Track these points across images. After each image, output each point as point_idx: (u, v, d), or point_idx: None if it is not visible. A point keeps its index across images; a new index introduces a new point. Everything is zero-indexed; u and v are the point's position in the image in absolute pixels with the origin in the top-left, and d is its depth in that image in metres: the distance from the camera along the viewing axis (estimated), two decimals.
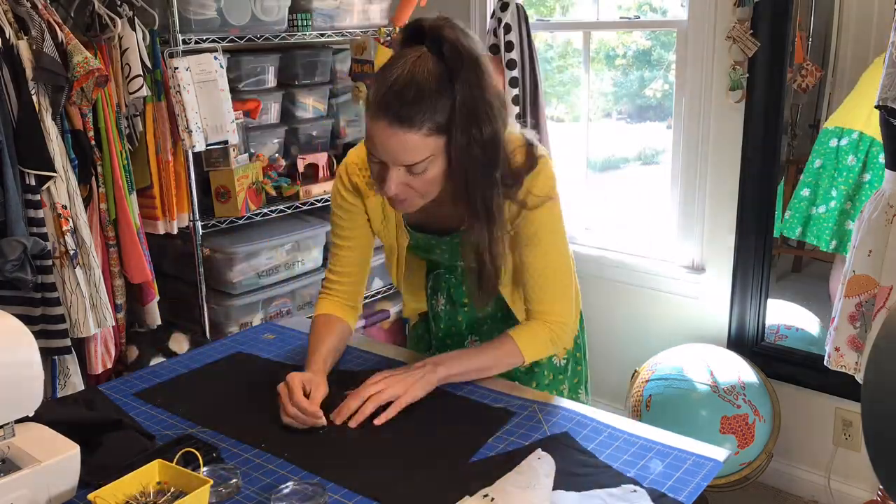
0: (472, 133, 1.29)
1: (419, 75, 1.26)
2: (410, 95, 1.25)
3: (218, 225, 2.66)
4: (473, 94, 1.28)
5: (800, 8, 2.62)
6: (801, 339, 2.76)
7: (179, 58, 2.43)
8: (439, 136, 1.29)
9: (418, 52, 1.28)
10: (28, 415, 1.14)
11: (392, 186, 1.32)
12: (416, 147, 1.28)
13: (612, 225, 3.26)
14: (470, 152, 1.30)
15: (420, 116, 1.26)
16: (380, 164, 1.33)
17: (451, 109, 1.27)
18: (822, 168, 2.62)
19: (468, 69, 1.27)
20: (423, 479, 1.21)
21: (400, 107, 1.25)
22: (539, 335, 1.52)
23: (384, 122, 1.26)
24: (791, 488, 2.75)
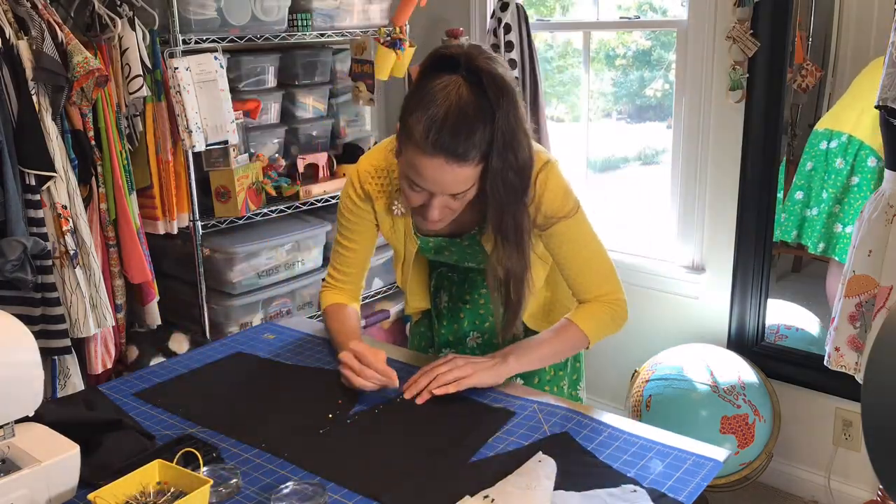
0: (509, 159, 1.31)
1: (466, 109, 1.27)
2: (464, 131, 1.27)
3: (218, 225, 2.66)
4: (511, 123, 1.30)
5: (800, 8, 2.62)
6: (801, 339, 2.76)
7: (179, 58, 2.43)
8: (482, 164, 1.32)
9: (456, 82, 1.29)
10: (28, 415, 1.14)
11: (436, 213, 1.37)
12: (467, 178, 1.32)
13: (612, 225, 3.25)
14: (506, 178, 1.33)
15: (473, 151, 1.28)
16: (424, 193, 1.35)
17: (491, 137, 1.29)
18: (813, 171, 2.63)
19: (508, 99, 1.29)
20: (423, 479, 1.21)
21: (457, 144, 1.27)
22: (599, 315, 1.55)
23: (440, 159, 1.28)
24: (791, 488, 2.76)
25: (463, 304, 1.71)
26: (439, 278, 1.73)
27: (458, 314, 1.72)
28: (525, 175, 1.36)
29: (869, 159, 2.50)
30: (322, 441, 1.32)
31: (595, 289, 1.55)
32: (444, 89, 1.28)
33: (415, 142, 1.30)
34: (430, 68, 1.33)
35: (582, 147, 3.22)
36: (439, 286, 1.74)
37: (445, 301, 1.73)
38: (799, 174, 2.67)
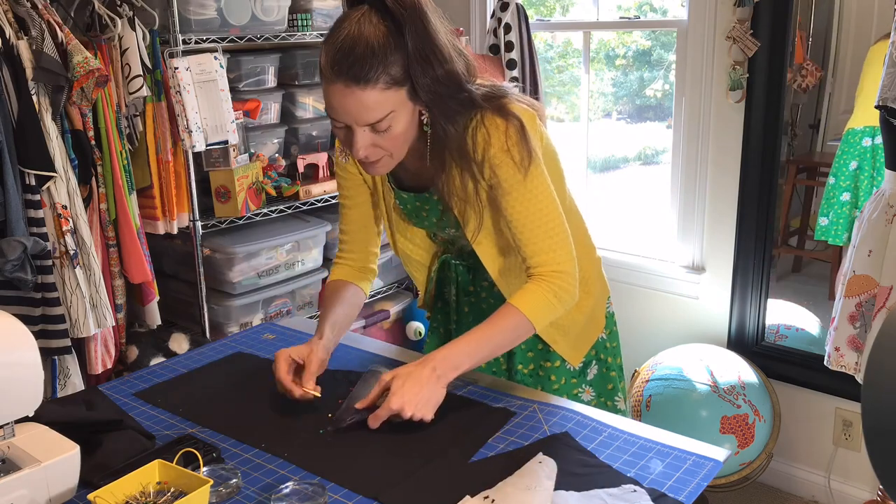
0: (431, 74, 1.30)
1: (366, 32, 1.27)
2: (361, 52, 1.25)
3: (218, 225, 2.66)
4: (424, 40, 1.29)
5: (800, 8, 2.62)
6: (801, 339, 2.76)
7: (179, 58, 2.43)
8: (398, 89, 1.29)
9: (360, 11, 1.29)
10: (28, 415, 1.14)
11: (360, 149, 1.33)
12: (375, 104, 1.28)
13: (612, 225, 3.25)
14: (436, 90, 1.31)
15: (374, 72, 1.26)
16: (345, 129, 1.33)
17: (406, 59, 1.28)
18: (859, 170, 2.58)
19: (412, 18, 1.28)
20: (423, 479, 1.21)
21: (352, 65, 1.25)
22: (539, 295, 1.40)
23: (339, 84, 1.27)
24: (791, 488, 2.76)
25: (467, 295, 1.69)
26: (445, 269, 1.70)
27: (462, 307, 1.71)
28: (455, 85, 1.33)
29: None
30: (322, 441, 1.32)
31: (540, 252, 1.41)
32: (348, 19, 1.29)
33: (322, 72, 1.30)
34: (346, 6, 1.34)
35: (582, 147, 3.22)
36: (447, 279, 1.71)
37: (453, 293, 1.71)
38: (842, 176, 2.60)
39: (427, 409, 1.32)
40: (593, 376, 1.69)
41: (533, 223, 1.40)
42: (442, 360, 1.36)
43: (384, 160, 1.37)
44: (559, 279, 1.41)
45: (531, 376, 1.65)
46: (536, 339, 1.62)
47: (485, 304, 1.68)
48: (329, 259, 3.04)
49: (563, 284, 1.41)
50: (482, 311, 1.67)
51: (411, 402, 1.30)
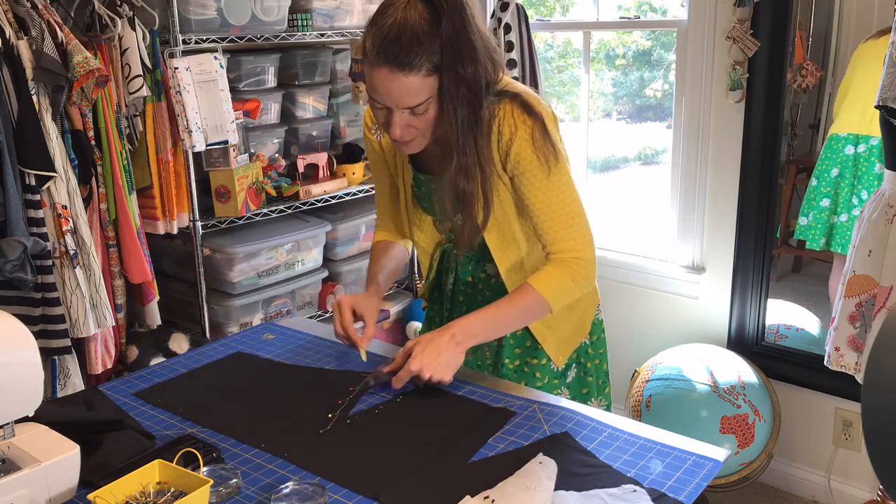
0: (458, 71, 1.34)
1: (412, 20, 1.32)
2: (406, 40, 1.31)
3: (218, 225, 2.66)
4: (458, 34, 1.33)
5: (800, 8, 2.62)
6: (801, 339, 2.76)
7: (179, 58, 2.43)
8: (436, 76, 1.35)
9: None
10: (28, 415, 1.14)
11: (397, 130, 1.39)
12: (417, 89, 1.34)
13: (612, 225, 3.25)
14: (457, 90, 1.36)
15: (418, 59, 1.32)
16: (384, 110, 1.39)
17: (441, 49, 1.33)
18: (840, 177, 2.59)
19: (451, 9, 1.32)
20: (423, 479, 1.21)
21: (398, 52, 1.31)
22: (557, 277, 1.47)
23: (385, 69, 1.33)
24: (791, 488, 2.76)
25: (464, 286, 1.70)
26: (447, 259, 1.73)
27: (458, 297, 1.72)
28: (476, 88, 1.37)
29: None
30: (322, 441, 1.32)
31: (559, 240, 1.47)
32: (393, 5, 1.34)
33: (367, 56, 1.36)
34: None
35: (582, 147, 3.22)
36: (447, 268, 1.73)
37: (451, 283, 1.73)
38: (823, 181, 2.62)
39: (446, 372, 1.42)
40: (571, 379, 1.71)
41: (556, 211, 1.47)
42: (462, 329, 1.45)
43: (417, 140, 1.44)
44: (578, 265, 1.48)
45: (516, 372, 1.66)
46: (525, 336, 1.64)
47: (481, 296, 1.68)
48: (329, 259, 3.04)
49: (582, 270, 1.49)
50: (478, 304, 1.65)
51: (430, 365, 1.40)
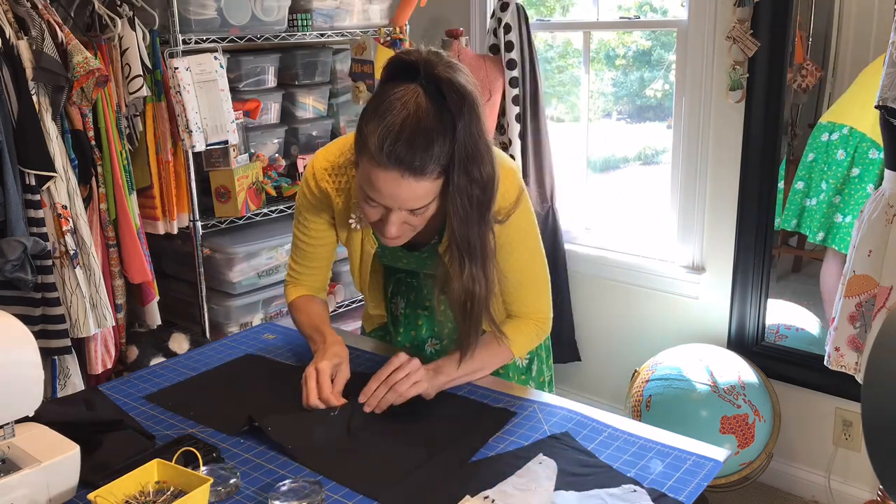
0: (472, 174, 1.26)
1: (424, 119, 1.21)
2: (422, 143, 1.20)
3: (218, 225, 2.66)
4: (473, 135, 1.24)
5: (800, 8, 2.62)
6: (801, 339, 2.76)
7: (179, 58, 2.43)
8: (443, 178, 1.26)
9: (413, 91, 1.23)
10: (28, 415, 1.14)
11: (394, 229, 1.30)
12: (425, 193, 1.26)
13: (612, 225, 3.25)
14: (470, 193, 1.27)
15: (431, 164, 1.22)
16: (380, 208, 1.29)
17: (452, 150, 1.23)
18: (814, 162, 2.64)
19: (469, 110, 1.23)
20: (423, 479, 1.21)
21: (413, 157, 1.21)
22: (527, 332, 1.55)
23: (395, 172, 1.22)
24: (791, 488, 2.76)
25: (422, 310, 1.67)
26: (397, 284, 1.69)
27: (415, 321, 1.67)
28: (489, 190, 1.30)
29: (870, 151, 2.50)
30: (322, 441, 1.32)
31: (529, 304, 1.54)
32: (401, 98, 1.22)
33: (370, 153, 1.23)
34: (389, 76, 1.28)
35: (582, 147, 3.22)
36: (396, 292, 1.69)
37: (402, 307, 1.69)
38: (801, 165, 2.68)
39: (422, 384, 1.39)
40: (535, 372, 1.73)
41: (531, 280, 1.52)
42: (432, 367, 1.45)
43: (407, 234, 1.36)
44: (544, 323, 1.57)
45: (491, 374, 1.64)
46: None
47: (443, 316, 1.66)
48: None
49: (545, 327, 1.58)
50: (440, 324, 1.66)
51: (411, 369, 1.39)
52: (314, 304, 1.62)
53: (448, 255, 1.38)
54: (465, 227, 1.31)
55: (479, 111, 1.25)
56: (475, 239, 1.32)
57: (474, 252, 1.33)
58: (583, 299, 3.14)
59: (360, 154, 1.28)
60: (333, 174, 1.49)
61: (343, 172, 1.48)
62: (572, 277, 3.13)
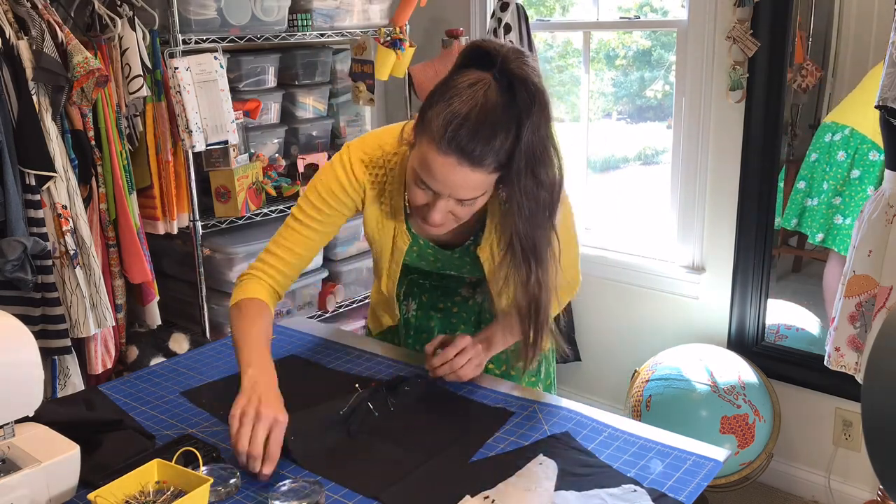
0: (539, 176, 1.24)
1: (492, 110, 1.19)
2: (485, 134, 1.18)
3: (218, 225, 2.66)
4: (540, 137, 1.22)
5: (800, 8, 2.62)
6: (801, 339, 2.76)
7: (179, 58, 2.43)
8: (497, 173, 1.25)
9: (485, 81, 1.20)
10: (28, 415, 1.14)
11: (438, 217, 1.28)
12: (479, 184, 1.24)
13: (612, 225, 3.25)
14: (536, 194, 1.25)
15: (490, 156, 1.20)
16: (430, 192, 1.28)
17: (512, 149, 1.21)
18: (816, 162, 2.64)
19: (539, 110, 1.20)
20: (423, 478, 1.21)
21: (475, 146, 1.19)
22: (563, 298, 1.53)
23: (453, 158, 1.20)
24: (791, 488, 2.76)
25: (435, 312, 1.66)
26: (409, 285, 1.67)
27: (427, 323, 1.66)
28: (556, 192, 1.28)
29: (870, 153, 2.51)
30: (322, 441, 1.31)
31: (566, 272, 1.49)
32: (472, 86, 1.20)
33: (430, 135, 1.21)
34: (464, 61, 1.25)
35: (582, 147, 3.22)
36: (408, 293, 1.67)
37: (414, 309, 1.67)
38: (804, 165, 2.68)
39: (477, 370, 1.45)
40: (542, 371, 1.73)
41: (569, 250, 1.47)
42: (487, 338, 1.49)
43: (449, 224, 1.34)
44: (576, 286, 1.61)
45: (502, 375, 1.65)
46: None
47: (455, 318, 1.65)
48: (329, 259, 3.04)
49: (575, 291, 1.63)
50: (452, 326, 1.66)
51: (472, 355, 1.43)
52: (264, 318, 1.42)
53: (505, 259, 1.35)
54: (531, 228, 1.28)
55: (549, 114, 1.23)
56: (542, 241, 1.30)
57: (542, 256, 1.31)
58: (583, 299, 3.14)
59: (420, 135, 1.25)
60: (371, 166, 1.46)
61: (381, 166, 1.45)
62: None
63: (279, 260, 1.49)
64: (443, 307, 1.66)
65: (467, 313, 1.65)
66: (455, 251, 1.51)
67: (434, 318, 1.67)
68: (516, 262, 1.33)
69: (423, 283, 1.66)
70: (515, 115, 1.20)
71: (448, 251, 1.52)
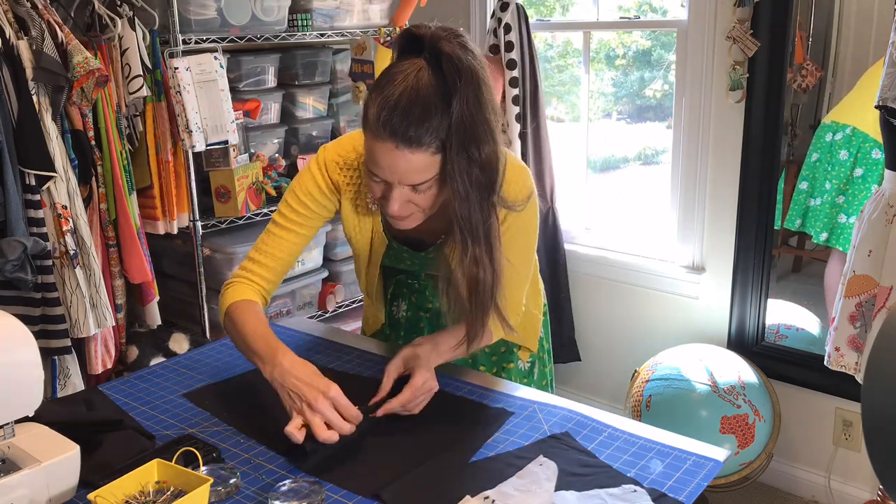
0: (471, 153, 1.23)
1: (423, 91, 1.20)
2: (417, 114, 1.19)
3: (218, 225, 2.66)
4: (472, 112, 1.21)
5: (800, 8, 2.62)
6: (801, 339, 2.76)
7: (179, 58, 2.43)
8: (441, 155, 1.24)
9: (417, 65, 1.22)
10: (28, 415, 1.14)
11: (395, 205, 1.28)
12: (424, 167, 1.24)
13: (612, 225, 3.26)
14: (470, 172, 1.25)
15: (427, 136, 1.21)
16: (383, 184, 1.29)
17: (448, 127, 1.21)
18: (818, 162, 2.64)
19: (466, 85, 1.20)
20: (423, 479, 1.21)
21: (407, 127, 1.20)
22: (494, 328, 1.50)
23: (390, 143, 1.21)
24: (791, 488, 2.76)
25: (424, 312, 1.66)
26: (398, 286, 1.67)
27: (417, 324, 1.66)
28: (490, 170, 1.26)
29: (873, 151, 2.51)
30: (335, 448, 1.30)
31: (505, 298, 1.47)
32: (403, 72, 1.22)
33: (369, 125, 1.24)
34: (399, 50, 1.28)
35: (582, 147, 3.22)
36: (397, 294, 1.68)
37: (404, 310, 1.67)
38: (806, 165, 2.68)
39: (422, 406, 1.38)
40: (536, 375, 1.73)
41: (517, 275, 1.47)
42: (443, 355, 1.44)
43: (415, 215, 1.34)
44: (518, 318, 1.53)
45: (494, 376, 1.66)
46: (500, 343, 1.64)
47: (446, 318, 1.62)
48: (329, 259, 3.04)
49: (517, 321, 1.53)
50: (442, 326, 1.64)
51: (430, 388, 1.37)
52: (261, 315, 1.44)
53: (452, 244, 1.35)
54: (467, 207, 1.27)
55: (482, 89, 1.23)
56: (477, 220, 1.29)
57: (477, 233, 1.30)
58: (583, 299, 3.14)
59: (364, 128, 1.28)
60: (345, 168, 1.48)
61: (355, 167, 1.47)
62: (572, 277, 3.13)
63: (262, 266, 1.49)
64: (431, 307, 1.66)
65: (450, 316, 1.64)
66: (429, 251, 1.51)
67: (423, 319, 1.68)
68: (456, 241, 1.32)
69: (411, 283, 1.67)
70: (446, 91, 1.20)
71: (421, 253, 1.52)
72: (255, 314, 1.42)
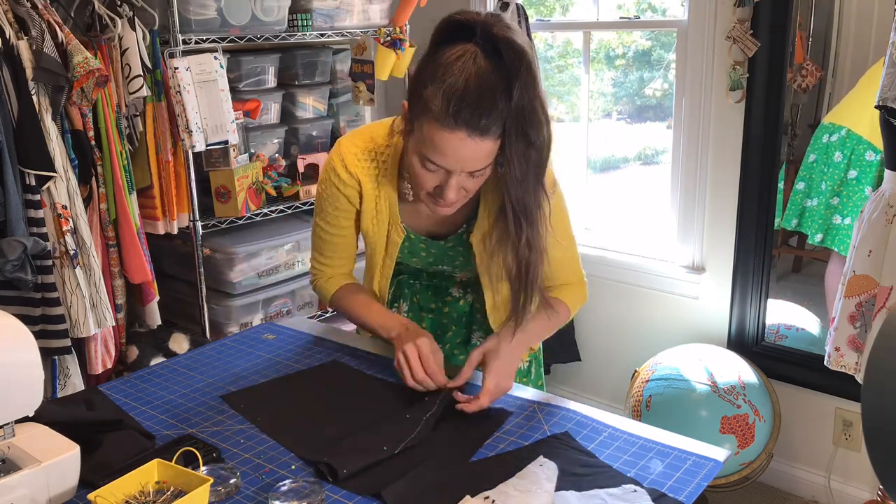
0: (530, 136, 1.24)
1: (485, 78, 1.20)
2: (486, 102, 1.20)
3: (218, 225, 2.66)
4: (530, 95, 1.22)
5: (800, 8, 2.62)
6: (801, 339, 2.76)
7: (179, 58, 2.43)
8: (500, 139, 1.25)
9: (471, 51, 1.22)
10: (28, 415, 1.14)
11: (453, 194, 1.29)
12: (488, 153, 1.25)
13: (612, 225, 3.25)
14: (528, 155, 1.25)
15: (495, 124, 1.22)
16: (440, 172, 1.28)
17: (509, 112, 1.22)
18: (814, 163, 2.64)
19: (526, 70, 1.21)
20: (423, 478, 1.21)
21: (480, 117, 1.20)
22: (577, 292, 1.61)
23: (462, 132, 1.21)
24: (791, 488, 2.76)
25: (426, 312, 1.66)
26: (399, 287, 1.67)
27: (419, 324, 1.65)
28: (545, 152, 1.28)
29: (866, 153, 2.51)
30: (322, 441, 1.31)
31: (572, 275, 1.58)
32: (460, 59, 1.21)
33: (433, 115, 1.22)
34: (443, 37, 1.26)
35: (582, 147, 3.22)
36: (398, 295, 1.67)
37: (405, 311, 1.67)
38: (803, 166, 2.69)
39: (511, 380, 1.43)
40: (534, 375, 1.74)
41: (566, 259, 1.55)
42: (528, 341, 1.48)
43: (460, 200, 1.35)
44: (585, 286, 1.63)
45: None
46: None
47: (447, 318, 1.65)
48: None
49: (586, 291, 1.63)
50: (444, 326, 1.66)
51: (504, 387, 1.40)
52: (363, 292, 1.59)
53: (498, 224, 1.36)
54: (522, 190, 1.29)
55: (535, 72, 1.24)
56: (532, 203, 1.31)
57: (532, 216, 1.31)
58: None
59: (421, 118, 1.26)
60: (365, 159, 1.47)
61: (374, 158, 1.47)
62: None
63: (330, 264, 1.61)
64: (434, 307, 1.66)
65: (458, 314, 1.66)
66: (448, 240, 1.51)
67: (426, 319, 1.68)
68: (508, 226, 1.34)
69: (413, 283, 1.67)
70: (505, 77, 1.21)
71: (440, 242, 1.52)
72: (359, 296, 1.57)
